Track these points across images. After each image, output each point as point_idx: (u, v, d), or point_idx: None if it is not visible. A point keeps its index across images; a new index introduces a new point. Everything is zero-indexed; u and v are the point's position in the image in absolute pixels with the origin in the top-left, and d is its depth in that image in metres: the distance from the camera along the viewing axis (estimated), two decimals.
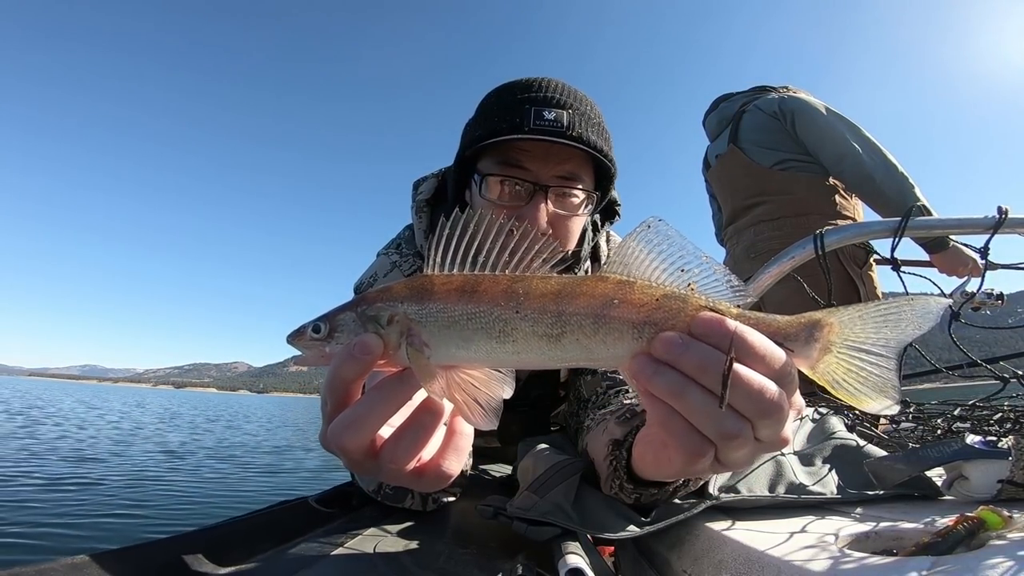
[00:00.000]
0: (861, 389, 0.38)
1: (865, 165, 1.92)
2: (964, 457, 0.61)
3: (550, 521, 0.60)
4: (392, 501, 0.75)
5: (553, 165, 0.84)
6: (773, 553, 0.47)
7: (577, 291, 0.38)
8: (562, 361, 0.38)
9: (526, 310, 0.37)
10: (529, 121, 0.80)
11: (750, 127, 2.26)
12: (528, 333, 0.37)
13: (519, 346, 0.37)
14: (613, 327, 0.37)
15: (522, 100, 0.82)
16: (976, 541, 0.44)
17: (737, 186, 2.33)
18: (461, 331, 0.37)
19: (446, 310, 0.38)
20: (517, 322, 0.37)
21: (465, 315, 0.37)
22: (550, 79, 0.87)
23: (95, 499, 3.89)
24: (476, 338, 0.37)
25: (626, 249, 0.39)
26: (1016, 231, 1.09)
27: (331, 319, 0.41)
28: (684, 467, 0.41)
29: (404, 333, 0.38)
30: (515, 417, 1.18)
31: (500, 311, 0.37)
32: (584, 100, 0.86)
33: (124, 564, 0.52)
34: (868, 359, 0.39)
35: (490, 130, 0.82)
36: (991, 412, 0.88)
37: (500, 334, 0.37)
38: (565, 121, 0.80)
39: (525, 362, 0.38)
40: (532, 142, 0.82)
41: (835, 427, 0.82)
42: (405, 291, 0.39)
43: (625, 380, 0.89)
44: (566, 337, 0.37)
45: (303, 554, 0.61)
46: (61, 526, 3.12)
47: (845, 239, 1.17)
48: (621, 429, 0.67)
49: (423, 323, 0.38)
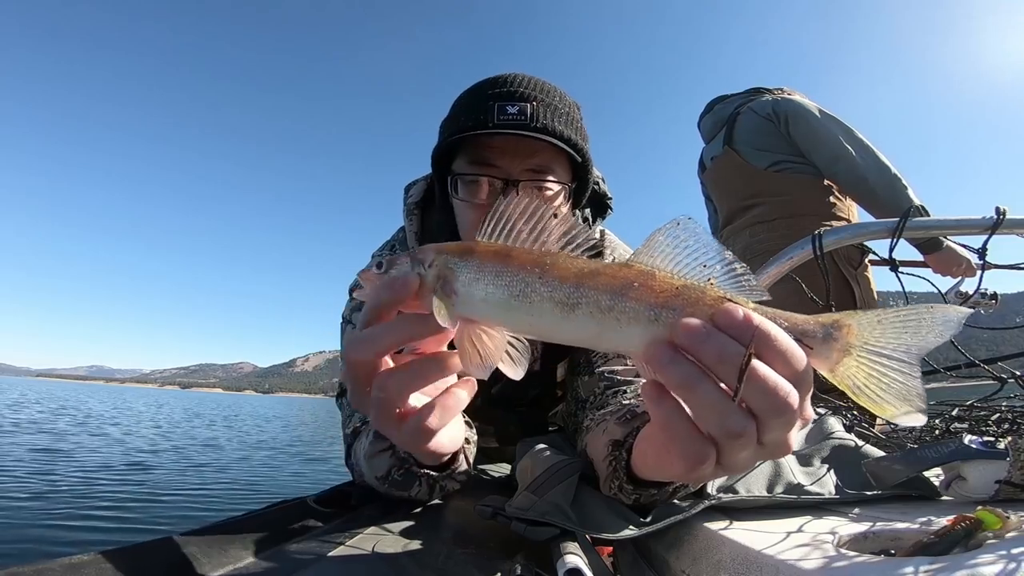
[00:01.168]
0: (884, 396, 0.37)
1: (858, 167, 1.94)
2: (962, 457, 0.62)
3: (549, 521, 0.60)
4: (399, 489, 0.75)
5: (522, 159, 0.83)
6: (771, 553, 0.48)
7: (600, 271, 0.40)
8: (573, 334, 0.40)
9: (548, 277, 0.40)
10: (493, 117, 0.79)
11: (745, 129, 2.27)
12: (545, 297, 0.40)
13: (534, 308, 0.40)
14: (629, 306, 0.38)
15: (487, 97, 0.82)
16: (974, 541, 0.44)
17: (732, 188, 2.34)
18: (486, 286, 0.41)
19: (480, 266, 0.42)
20: (537, 285, 0.40)
21: (494, 272, 0.41)
22: (516, 74, 0.87)
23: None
24: (498, 294, 0.41)
25: (653, 242, 0.40)
26: (1014, 232, 1.09)
27: (390, 259, 0.46)
28: (685, 472, 0.41)
29: (440, 278, 0.43)
30: (513, 417, 1.18)
31: (525, 274, 0.40)
32: (551, 91, 0.85)
33: (122, 564, 0.52)
34: (891, 364, 0.38)
35: (455, 130, 0.82)
36: (989, 412, 0.89)
37: (520, 294, 0.40)
38: (529, 113, 0.80)
39: (537, 327, 0.41)
40: (500, 138, 0.81)
41: (833, 427, 0.82)
42: (454, 247, 0.44)
43: (637, 369, 0.90)
44: (580, 308, 0.39)
45: (302, 554, 0.61)
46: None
47: (843, 240, 1.17)
48: (622, 430, 0.67)
49: (457, 272, 0.42)
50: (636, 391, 0.85)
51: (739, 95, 2.41)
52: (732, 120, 2.32)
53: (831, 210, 2.12)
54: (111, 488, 4.43)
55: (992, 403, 0.92)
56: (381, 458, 0.72)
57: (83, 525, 3.27)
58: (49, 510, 3.53)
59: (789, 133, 2.13)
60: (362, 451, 0.76)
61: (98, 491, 4.26)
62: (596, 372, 0.91)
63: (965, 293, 1.47)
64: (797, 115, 2.11)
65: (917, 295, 1.31)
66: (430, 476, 0.72)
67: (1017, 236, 1.10)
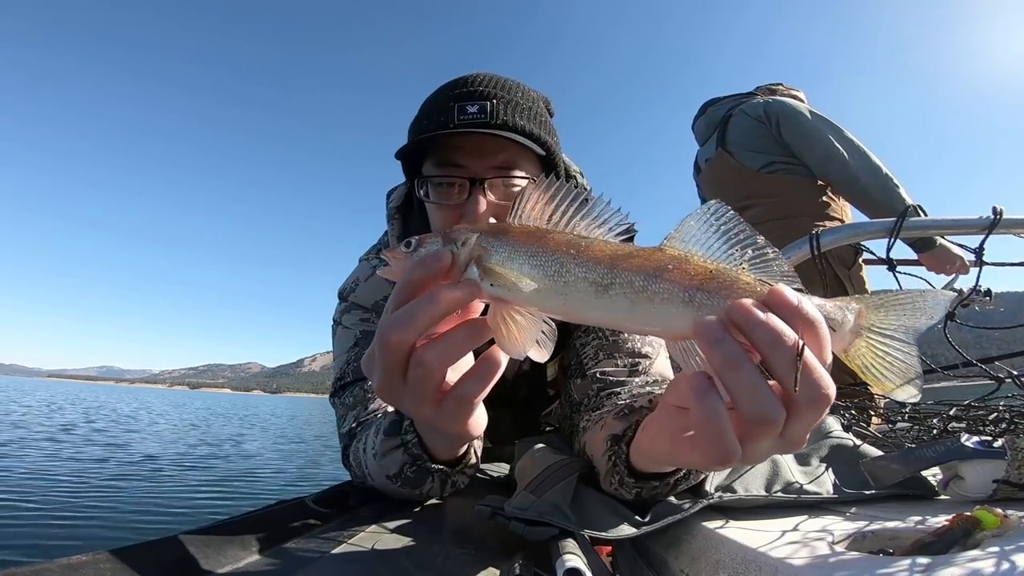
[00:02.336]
0: (888, 375, 0.40)
1: (850, 167, 1.95)
2: (960, 457, 0.62)
3: (548, 521, 0.60)
4: (411, 486, 0.74)
5: (487, 157, 0.83)
6: (770, 553, 0.48)
7: (634, 254, 0.40)
8: (606, 314, 0.40)
9: (582, 258, 0.40)
10: (454, 117, 0.80)
11: (737, 131, 2.28)
12: (579, 277, 0.40)
13: (569, 287, 0.40)
14: (663, 287, 0.39)
15: (448, 98, 0.83)
16: (972, 541, 0.44)
17: (726, 189, 2.36)
18: (521, 264, 0.41)
19: (515, 245, 0.42)
20: (571, 266, 0.40)
21: (529, 252, 0.41)
22: (478, 73, 0.87)
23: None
24: (533, 273, 0.41)
25: (685, 227, 0.41)
26: (1011, 231, 1.09)
27: (419, 238, 0.46)
28: (708, 465, 0.41)
29: (474, 257, 0.43)
30: (505, 416, 1.18)
31: (559, 255, 0.41)
32: (512, 88, 0.86)
33: (120, 564, 0.52)
34: (894, 345, 0.41)
35: (419, 131, 0.83)
36: (987, 412, 0.89)
37: (554, 274, 0.40)
38: (489, 111, 0.80)
39: (570, 308, 0.41)
40: (463, 138, 0.81)
41: (831, 427, 0.83)
42: (487, 227, 0.44)
43: (670, 352, 0.90)
44: (614, 289, 0.39)
45: (300, 554, 0.60)
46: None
47: (841, 239, 1.17)
48: (620, 424, 0.67)
49: (491, 251, 0.42)
50: (630, 392, 0.85)
51: (731, 97, 2.43)
52: (725, 122, 2.34)
53: (825, 210, 2.13)
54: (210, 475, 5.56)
55: (989, 403, 0.92)
56: (392, 456, 0.72)
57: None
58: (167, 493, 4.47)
59: (781, 134, 2.14)
60: (370, 451, 0.76)
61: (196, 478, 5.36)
62: (588, 374, 0.91)
63: (960, 291, 1.48)
64: (788, 116, 2.12)
65: None
66: (443, 471, 0.72)
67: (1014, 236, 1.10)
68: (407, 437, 0.69)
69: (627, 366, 0.90)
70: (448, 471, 0.72)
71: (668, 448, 0.48)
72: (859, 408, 1.14)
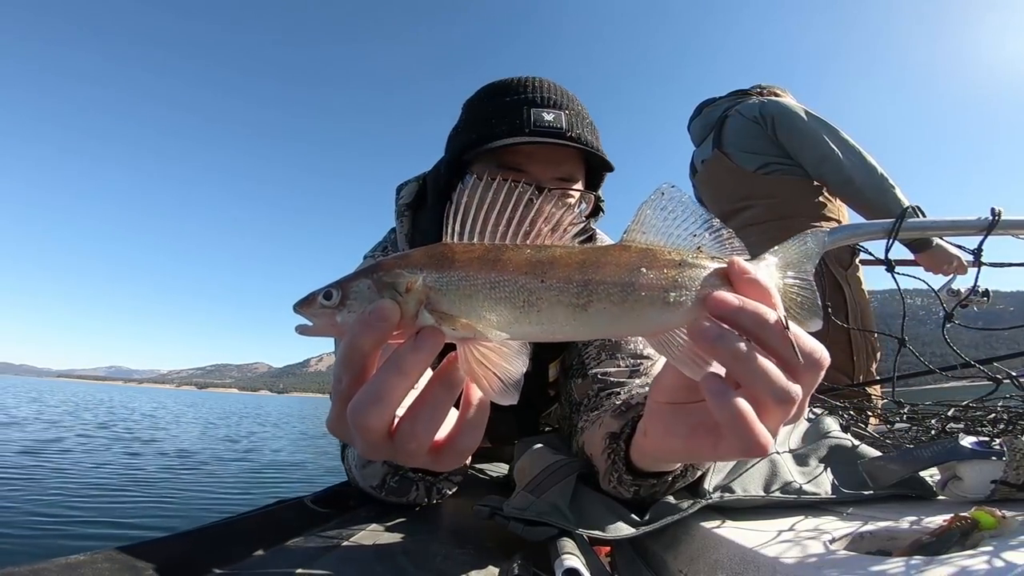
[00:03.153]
0: (800, 312, 0.43)
1: (845, 168, 1.96)
2: (958, 457, 0.62)
3: (547, 521, 0.60)
4: (396, 496, 0.74)
5: (552, 167, 0.83)
6: (768, 553, 0.48)
7: (602, 260, 0.37)
8: (589, 332, 0.38)
9: (551, 279, 0.36)
10: (529, 123, 0.79)
11: (733, 132, 2.28)
12: (554, 303, 0.36)
13: (543, 316, 0.36)
14: (641, 294, 0.37)
15: (519, 101, 0.82)
16: (970, 541, 0.44)
17: (723, 191, 2.36)
18: (483, 301, 0.36)
19: (468, 279, 0.36)
20: (542, 292, 0.36)
21: (488, 284, 0.36)
22: (541, 79, 0.86)
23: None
24: (499, 308, 0.36)
25: (642, 217, 0.39)
26: (1009, 233, 1.09)
27: (344, 285, 0.39)
28: (749, 455, 0.40)
29: (422, 302, 0.37)
30: (505, 417, 1.18)
31: (524, 280, 0.36)
32: (575, 100, 0.86)
33: (118, 564, 0.52)
34: (800, 284, 0.44)
35: (487, 134, 0.81)
36: (985, 413, 0.89)
37: (525, 304, 0.36)
38: (564, 123, 0.80)
39: (551, 333, 0.37)
40: (532, 145, 0.81)
41: (830, 427, 0.83)
42: (424, 258, 0.37)
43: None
44: (593, 306, 0.36)
45: (299, 554, 0.60)
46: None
47: (840, 240, 1.17)
48: (618, 422, 0.67)
49: (444, 292, 0.36)
50: (630, 392, 0.85)
51: (726, 97, 2.43)
52: (720, 123, 2.33)
53: (821, 211, 2.13)
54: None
55: (988, 403, 0.93)
56: (372, 468, 0.72)
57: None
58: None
59: (776, 135, 2.14)
60: (352, 460, 0.76)
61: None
62: (589, 374, 0.91)
63: (957, 291, 1.48)
64: (783, 117, 2.12)
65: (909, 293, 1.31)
66: (427, 480, 0.72)
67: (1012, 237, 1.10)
68: None
69: (628, 367, 0.90)
70: (432, 480, 0.72)
71: (685, 445, 0.46)
72: (857, 408, 1.14)
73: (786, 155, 2.14)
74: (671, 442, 0.48)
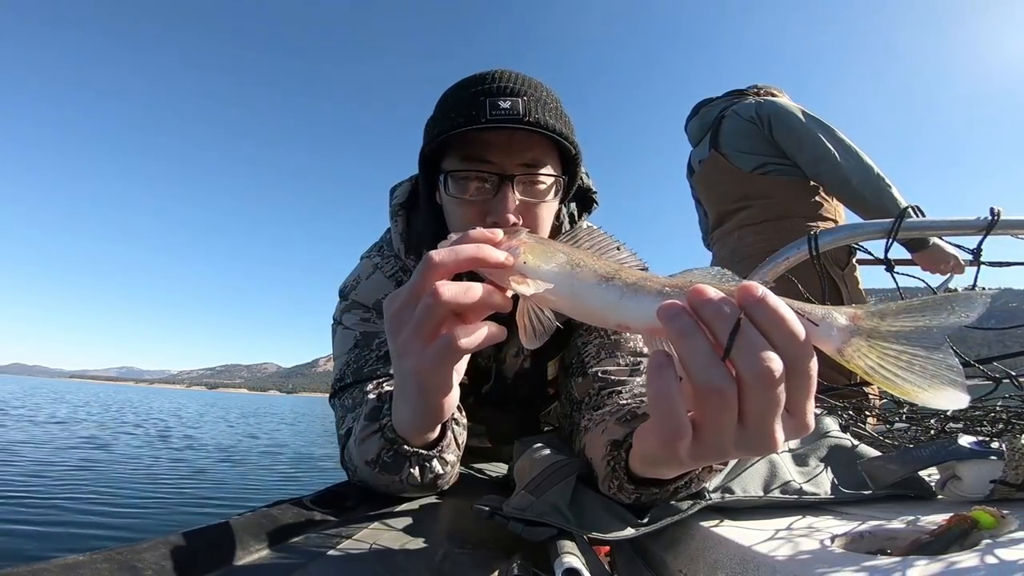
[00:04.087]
0: (904, 375, 0.35)
1: (841, 168, 1.95)
2: (957, 457, 0.62)
3: (546, 521, 0.60)
4: (390, 471, 0.74)
5: (516, 154, 0.83)
6: (768, 553, 0.48)
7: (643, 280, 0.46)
8: (600, 304, 0.46)
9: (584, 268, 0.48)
10: (485, 112, 0.79)
11: (730, 132, 2.28)
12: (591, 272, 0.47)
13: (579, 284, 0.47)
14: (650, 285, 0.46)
15: (476, 93, 0.82)
16: (969, 541, 0.44)
17: (720, 191, 2.36)
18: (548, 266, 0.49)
19: (550, 250, 0.49)
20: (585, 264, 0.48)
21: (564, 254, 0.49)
22: (503, 70, 0.87)
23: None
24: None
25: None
26: (1009, 232, 1.10)
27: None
28: (661, 445, 0.43)
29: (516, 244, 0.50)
30: (505, 416, 1.18)
31: (579, 261, 0.48)
32: (539, 87, 0.85)
33: (118, 564, 0.52)
34: (909, 343, 0.36)
35: (447, 126, 0.82)
36: (984, 413, 0.89)
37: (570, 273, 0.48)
38: (521, 108, 0.79)
39: (578, 300, 0.47)
40: (492, 133, 0.81)
41: (829, 427, 0.83)
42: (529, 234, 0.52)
43: (629, 369, 0.90)
44: (614, 281, 0.46)
45: (298, 554, 0.60)
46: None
47: (839, 240, 1.17)
48: (622, 430, 0.67)
49: (529, 248, 0.50)
50: (631, 391, 0.85)
51: (723, 97, 2.43)
52: (717, 123, 2.33)
53: (818, 211, 2.13)
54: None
55: (987, 403, 0.93)
56: (371, 440, 0.72)
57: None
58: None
59: (773, 135, 2.14)
60: (354, 439, 0.77)
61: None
62: (589, 373, 0.91)
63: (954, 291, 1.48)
64: (779, 117, 2.12)
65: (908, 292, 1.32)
66: (419, 454, 0.72)
67: (1012, 237, 1.10)
68: (384, 420, 0.71)
69: (628, 365, 0.90)
70: (425, 454, 0.72)
71: (639, 447, 0.51)
72: (856, 408, 1.14)
73: (783, 155, 2.14)
74: (649, 442, 0.50)
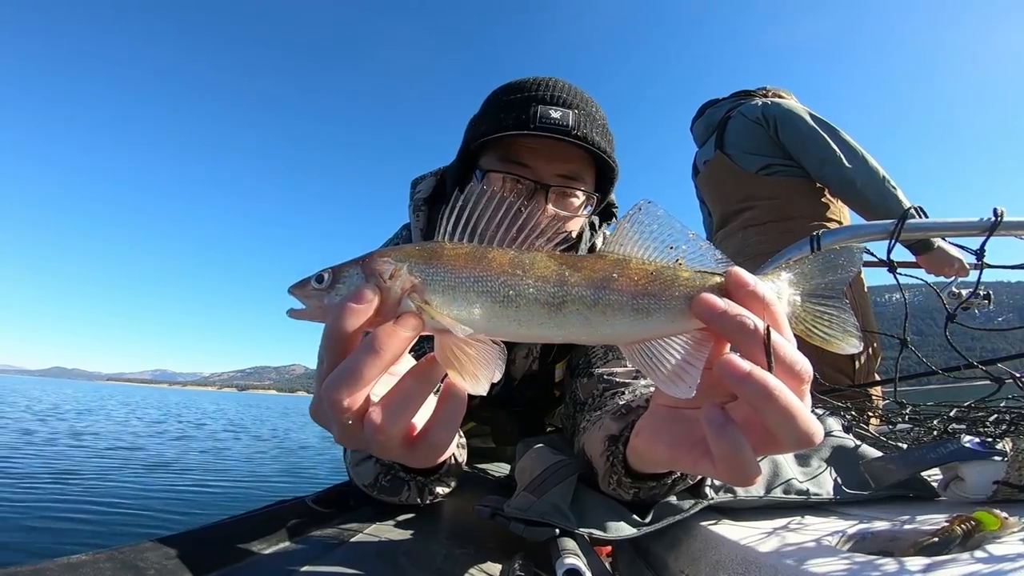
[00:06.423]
0: (829, 332, 0.41)
1: (846, 170, 1.96)
2: (960, 458, 0.62)
3: (547, 522, 0.60)
4: (388, 495, 0.74)
5: (556, 164, 0.83)
6: (770, 553, 0.48)
7: (578, 265, 0.40)
8: (563, 334, 0.39)
9: (529, 279, 0.39)
10: (535, 119, 0.79)
11: (735, 133, 2.29)
12: (531, 300, 0.38)
13: (521, 312, 0.38)
14: (612, 299, 0.38)
15: (528, 98, 0.82)
16: (972, 542, 0.44)
17: (725, 191, 2.36)
18: (466, 293, 0.38)
19: (454, 272, 0.39)
20: (521, 288, 0.38)
21: (472, 278, 0.38)
22: (557, 79, 0.87)
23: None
24: (480, 301, 0.38)
25: (621, 230, 0.41)
26: (1011, 233, 1.09)
27: (336, 270, 0.41)
28: (734, 482, 0.42)
29: (406, 291, 0.39)
30: (510, 418, 1.18)
31: (506, 277, 0.38)
32: (589, 102, 0.86)
33: (119, 564, 0.52)
34: (827, 304, 0.42)
35: (494, 126, 0.82)
36: (987, 413, 0.89)
37: (504, 299, 0.38)
38: (570, 121, 0.80)
39: (525, 331, 0.39)
40: (536, 140, 0.81)
41: (832, 428, 0.83)
42: (415, 251, 0.40)
43: (635, 371, 0.88)
44: (567, 308, 0.38)
45: (300, 554, 0.60)
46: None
47: (841, 241, 1.17)
48: (617, 425, 0.67)
49: (428, 282, 0.39)
50: (634, 393, 0.85)
51: (728, 98, 2.43)
52: (723, 124, 2.34)
53: (822, 212, 2.14)
54: None
55: (990, 404, 0.92)
56: (365, 466, 0.72)
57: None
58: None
59: (778, 136, 2.14)
60: (348, 459, 0.76)
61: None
62: (595, 374, 0.91)
63: (959, 294, 1.47)
64: (785, 118, 2.12)
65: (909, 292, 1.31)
66: (418, 480, 0.72)
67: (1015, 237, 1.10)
68: None
69: (634, 368, 0.90)
70: (424, 480, 0.72)
71: (668, 454, 0.47)
72: (859, 409, 1.13)
73: (788, 156, 2.15)
74: (656, 448, 0.49)
